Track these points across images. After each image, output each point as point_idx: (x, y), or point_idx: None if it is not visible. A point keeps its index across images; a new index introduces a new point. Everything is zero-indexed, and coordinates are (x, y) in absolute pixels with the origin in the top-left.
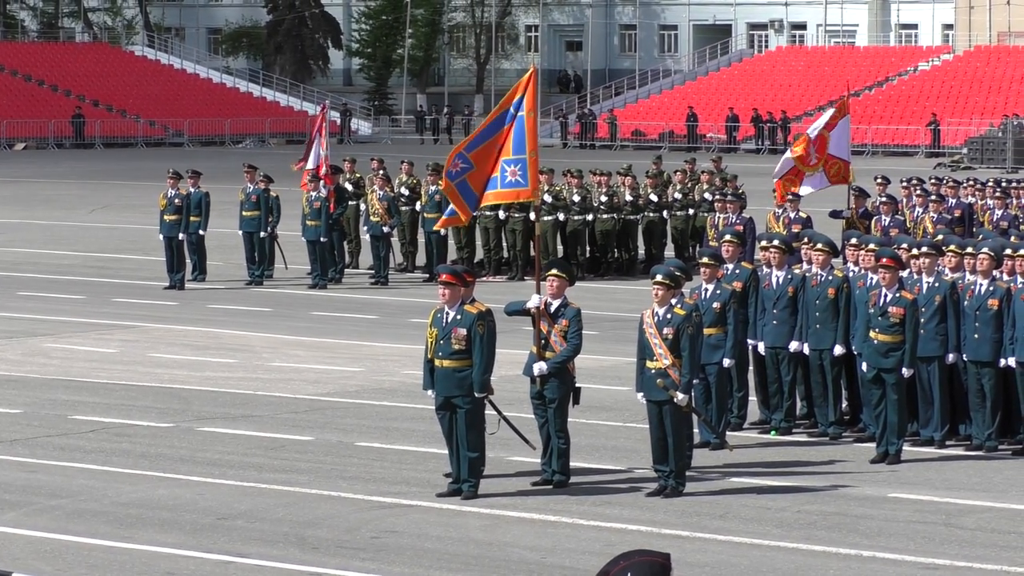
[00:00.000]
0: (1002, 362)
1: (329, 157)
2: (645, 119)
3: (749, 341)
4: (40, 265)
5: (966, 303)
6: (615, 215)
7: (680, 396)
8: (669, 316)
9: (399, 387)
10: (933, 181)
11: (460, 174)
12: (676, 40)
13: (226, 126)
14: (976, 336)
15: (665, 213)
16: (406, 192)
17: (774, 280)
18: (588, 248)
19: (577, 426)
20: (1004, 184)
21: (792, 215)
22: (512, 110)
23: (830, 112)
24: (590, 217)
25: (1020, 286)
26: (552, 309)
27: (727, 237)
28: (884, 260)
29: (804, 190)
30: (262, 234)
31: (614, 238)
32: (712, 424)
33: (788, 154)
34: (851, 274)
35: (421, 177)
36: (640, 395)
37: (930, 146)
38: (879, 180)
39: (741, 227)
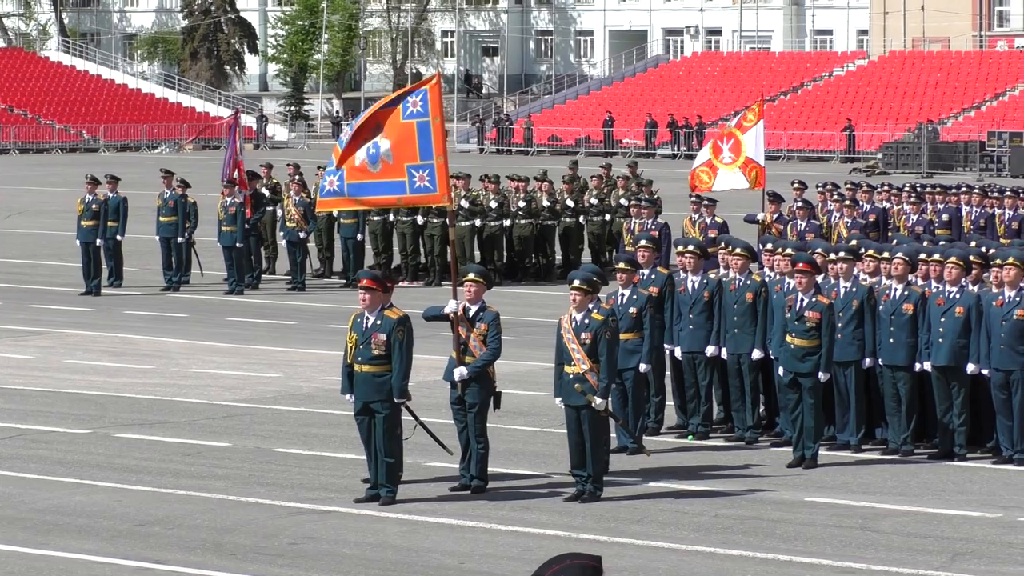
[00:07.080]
0: (917, 366)
1: (244, 162)
2: (561, 124)
3: (666, 346)
4: None
5: (881, 308)
6: (532, 220)
7: (598, 401)
8: (587, 321)
9: (316, 393)
10: (849, 186)
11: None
12: (592, 46)
13: (142, 132)
14: (891, 340)
15: (581, 218)
16: None
17: (689, 285)
18: (505, 253)
19: (495, 431)
20: (919, 189)
21: (708, 220)
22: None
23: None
24: (507, 223)
25: (934, 291)
26: (470, 314)
27: (643, 242)
28: (800, 265)
29: (720, 185)
30: (179, 240)
31: (531, 243)
32: (629, 429)
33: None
34: (768, 279)
35: None
36: (558, 400)
37: (845, 151)
38: (795, 185)
39: (657, 232)
